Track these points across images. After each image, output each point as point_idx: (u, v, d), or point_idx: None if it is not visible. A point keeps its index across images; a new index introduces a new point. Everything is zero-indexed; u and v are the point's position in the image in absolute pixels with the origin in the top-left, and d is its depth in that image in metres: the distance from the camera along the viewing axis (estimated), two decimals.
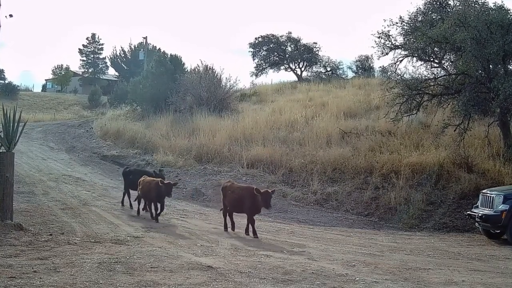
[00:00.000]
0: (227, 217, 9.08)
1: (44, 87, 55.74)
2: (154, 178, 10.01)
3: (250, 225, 8.55)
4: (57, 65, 51.52)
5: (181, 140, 17.09)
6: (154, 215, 9.62)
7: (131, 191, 10.94)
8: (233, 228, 8.97)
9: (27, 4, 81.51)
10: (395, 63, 16.12)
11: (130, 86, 27.03)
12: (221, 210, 9.35)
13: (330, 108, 18.52)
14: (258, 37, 33.30)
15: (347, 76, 31.49)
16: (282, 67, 33.62)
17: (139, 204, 10.32)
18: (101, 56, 53.79)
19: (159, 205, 9.57)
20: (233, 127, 17.49)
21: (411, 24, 17.19)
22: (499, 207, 8.76)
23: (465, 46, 11.93)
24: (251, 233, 8.51)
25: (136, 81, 25.99)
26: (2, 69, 52.11)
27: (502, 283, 5.96)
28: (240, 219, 9.14)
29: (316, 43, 33.23)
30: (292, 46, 33.24)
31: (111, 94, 37.78)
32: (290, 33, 33.38)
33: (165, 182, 9.45)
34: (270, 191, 8.59)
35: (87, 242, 7.16)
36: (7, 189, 7.50)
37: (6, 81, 44.98)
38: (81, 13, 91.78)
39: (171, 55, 25.74)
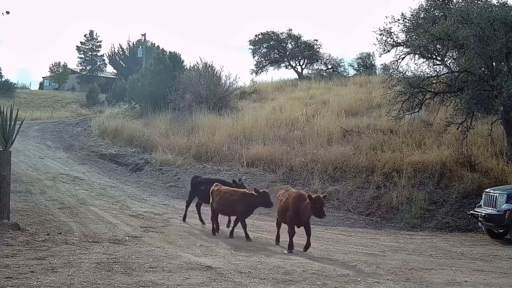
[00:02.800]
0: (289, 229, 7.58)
1: (41, 85, 55.57)
2: (236, 188, 8.64)
3: (307, 237, 7.33)
4: (55, 63, 51.35)
5: (180, 138, 16.99)
6: (245, 233, 8.12)
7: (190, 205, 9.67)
8: (290, 247, 7.45)
9: (24, 1, 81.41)
10: (397, 60, 16.14)
11: (128, 83, 26.89)
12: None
13: (331, 106, 18.42)
14: (258, 34, 33.26)
15: (348, 74, 31.43)
16: (282, 65, 33.58)
17: (215, 220, 8.71)
18: (99, 54, 53.56)
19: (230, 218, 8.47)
20: (233, 125, 17.39)
21: (413, 21, 17.15)
22: (502, 207, 8.71)
23: (468, 44, 11.83)
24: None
25: (134, 78, 25.84)
26: None
27: (505, 283, 5.94)
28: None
29: (317, 40, 33.16)
30: (292, 43, 33.14)
31: (109, 92, 37.67)
32: (291, 30, 33.36)
33: (260, 190, 8.09)
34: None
35: (85, 242, 7.13)
36: (4, 188, 7.45)
37: (3, 79, 44.75)
38: (79, 10, 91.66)
39: (170, 52, 25.61)
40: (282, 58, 33.34)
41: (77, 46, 53.35)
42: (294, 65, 33.46)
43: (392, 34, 16.60)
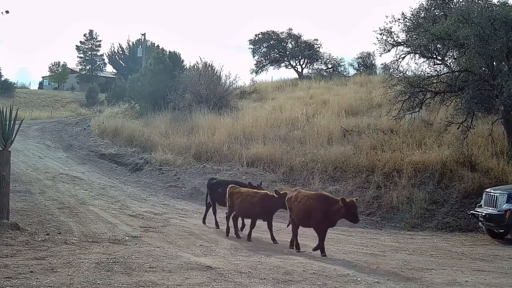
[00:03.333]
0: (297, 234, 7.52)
1: (41, 85, 55.46)
2: (257, 190, 8.53)
3: (318, 242, 7.13)
4: (54, 62, 51.14)
5: (180, 138, 16.97)
6: (248, 234, 8.23)
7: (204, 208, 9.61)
8: (297, 248, 7.46)
9: (24, 1, 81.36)
10: (397, 60, 16.15)
11: (128, 83, 26.86)
12: (288, 225, 8.06)
13: (331, 105, 18.40)
14: (258, 34, 33.21)
15: (348, 73, 31.37)
16: (282, 64, 33.52)
17: (228, 221, 8.61)
18: (98, 53, 53.41)
19: (251, 222, 8.24)
20: (233, 125, 17.37)
21: (414, 21, 17.17)
22: (503, 206, 8.68)
23: (468, 43, 11.80)
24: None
25: (134, 78, 25.82)
26: None
27: (506, 283, 5.91)
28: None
29: (317, 39, 33.07)
30: (292, 42, 33.07)
31: (109, 91, 37.66)
32: (291, 29, 33.28)
33: (281, 192, 7.99)
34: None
35: (85, 242, 7.12)
36: (3, 188, 7.44)
37: (3, 78, 44.64)
38: (78, 9, 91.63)
39: (169, 52, 25.58)
40: (282, 57, 33.29)
41: (76, 45, 53.27)
42: (294, 64, 33.44)
43: (393, 33, 16.64)
